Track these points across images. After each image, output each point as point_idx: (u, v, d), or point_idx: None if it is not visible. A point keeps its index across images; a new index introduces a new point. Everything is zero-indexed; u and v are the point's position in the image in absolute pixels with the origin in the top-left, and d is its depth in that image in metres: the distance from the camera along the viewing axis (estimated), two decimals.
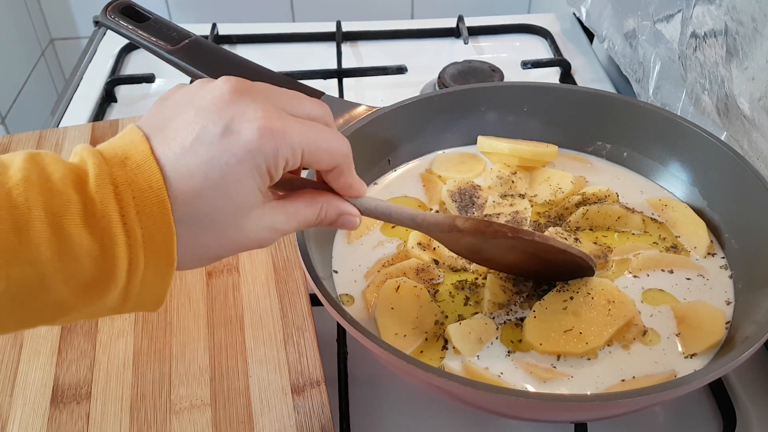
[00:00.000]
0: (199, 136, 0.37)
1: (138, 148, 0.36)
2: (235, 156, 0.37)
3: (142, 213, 0.35)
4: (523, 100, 0.71)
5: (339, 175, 0.43)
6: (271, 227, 0.41)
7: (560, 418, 0.53)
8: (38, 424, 0.52)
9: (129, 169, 0.35)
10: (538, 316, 0.53)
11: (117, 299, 0.36)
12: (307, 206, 0.43)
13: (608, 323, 0.52)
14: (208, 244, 0.39)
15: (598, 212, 0.62)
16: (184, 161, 0.36)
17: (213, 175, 0.36)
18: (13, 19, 1.40)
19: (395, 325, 0.53)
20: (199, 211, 0.37)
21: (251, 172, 0.37)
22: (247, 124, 0.37)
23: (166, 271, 0.37)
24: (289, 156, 0.38)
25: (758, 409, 0.58)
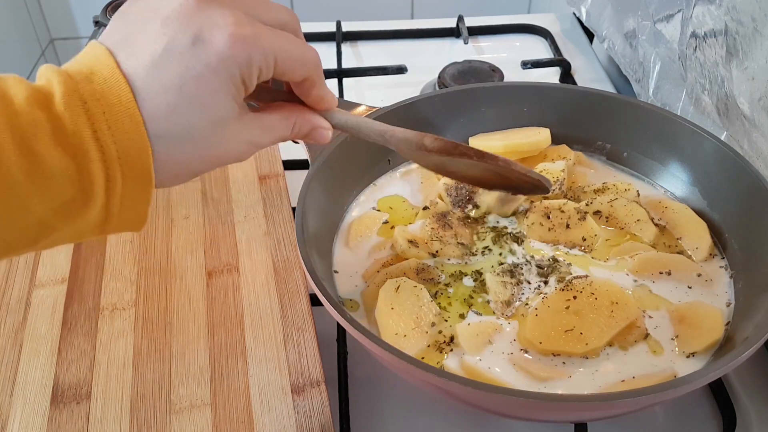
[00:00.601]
0: (168, 48, 0.35)
1: (103, 62, 0.35)
2: (209, 66, 0.35)
3: (114, 128, 0.34)
4: (523, 100, 0.71)
5: (311, 86, 0.42)
6: (249, 141, 0.40)
7: (560, 418, 0.53)
8: (38, 424, 0.52)
9: (96, 83, 0.34)
10: (540, 314, 0.53)
11: (98, 217, 0.35)
12: (281, 120, 0.42)
13: (610, 325, 0.52)
14: (187, 160, 0.38)
15: (624, 206, 0.62)
16: (156, 75, 0.35)
17: (188, 87, 0.35)
18: (13, 19, 1.40)
19: (395, 325, 0.53)
20: (176, 126, 0.36)
21: (226, 82, 0.36)
22: (217, 32, 0.36)
23: (144, 187, 0.36)
24: (262, 64, 0.37)
25: (758, 409, 0.58)
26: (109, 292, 0.62)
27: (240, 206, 0.70)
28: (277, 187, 0.73)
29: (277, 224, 0.68)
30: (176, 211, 0.70)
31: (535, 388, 0.49)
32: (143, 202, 0.37)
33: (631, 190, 0.66)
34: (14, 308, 0.61)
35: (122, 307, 0.61)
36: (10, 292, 0.62)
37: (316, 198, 0.59)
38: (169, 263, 0.65)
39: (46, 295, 0.62)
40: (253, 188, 0.73)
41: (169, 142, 0.36)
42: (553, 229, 0.61)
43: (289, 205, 0.70)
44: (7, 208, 0.33)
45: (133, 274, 0.64)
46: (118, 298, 0.61)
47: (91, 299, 0.61)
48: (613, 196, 0.64)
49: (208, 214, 0.70)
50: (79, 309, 0.61)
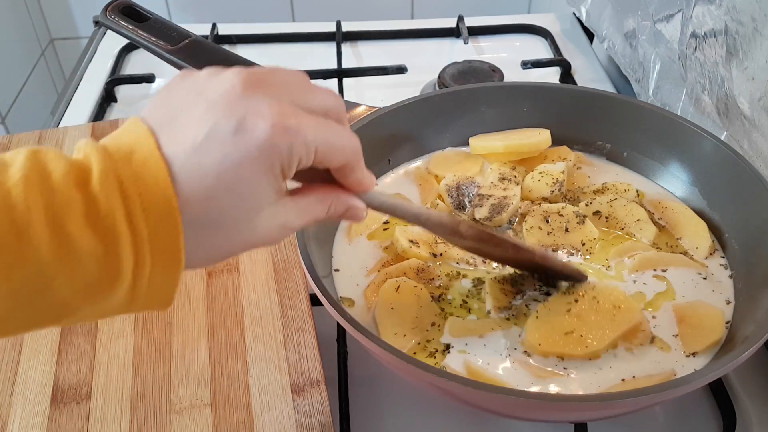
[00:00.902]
0: (210, 134, 0.35)
1: (143, 142, 0.35)
2: (249, 155, 0.35)
3: (149, 210, 0.33)
4: (523, 100, 0.71)
5: (349, 172, 0.42)
6: (283, 224, 0.40)
7: (560, 418, 0.53)
8: (38, 424, 0.52)
9: (134, 164, 0.34)
10: (541, 317, 0.53)
11: (124, 298, 0.35)
12: (317, 203, 0.42)
13: (611, 328, 0.51)
14: (219, 244, 0.38)
15: (624, 206, 0.62)
16: (196, 160, 0.34)
17: (226, 176, 0.35)
18: (13, 19, 1.40)
19: (395, 324, 0.53)
20: (211, 213, 0.36)
21: (265, 172, 0.36)
22: (261, 122, 0.35)
23: (173, 270, 0.35)
24: (302, 154, 0.37)
25: (758, 409, 0.58)
26: None
27: None
28: None
29: None
30: None
31: (536, 388, 0.49)
32: (172, 283, 0.36)
33: (630, 191, 0.66)
34: None
35: None
36: None
37: None
38: None
39: None
40: None
41: (202, 228, 0.36)
42: (552, 233, 0.61)
43: None
44: (32, 287, 0.32)
45: None
46: None
47: None
48: (613, 197, 0.64)
49: None
50: None
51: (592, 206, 0.63)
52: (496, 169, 0.68)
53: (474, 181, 0.67)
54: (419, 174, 0.70)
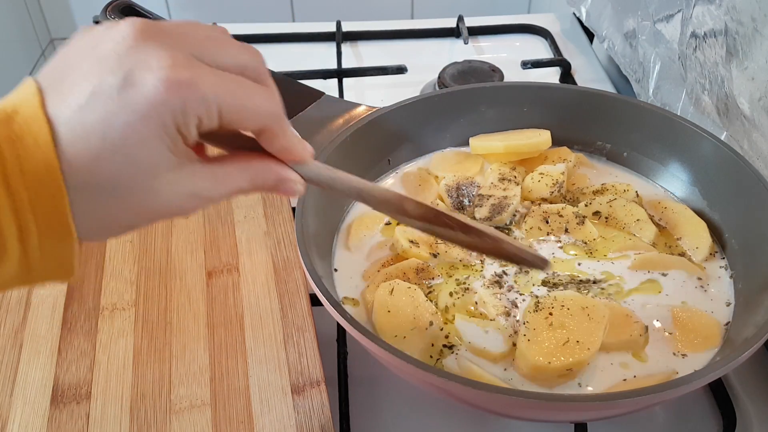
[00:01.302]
0: (96, 90, 0.32)
1: (29, 101, 0.32)
2: (136, 112, 0.32)
3: (28, 173, 0.31)
4: (523, 100, 0.71)
5: (272, 137, 0.38)
6: (193, 193, 0.36)
7: (560, 418, 0.53)
8: (38, 424, 0.52)
9: (16, 125, 0.32)
10: (531, 338, 0.51)
11: (18, 269, 0.33)
12: (239, 171, 0.38)
13: (594, 327, 0.51)
14: (116, 213, 0.35)
15: (623, 207, 0.62)
16: (80, 119, 0.32)
17: (112, 135, 0.32)
18: (13, 19, 1.40)
19: (393, 327, 0.53)
20: (99, 176, 0.33)
21: (156, 131, 0.33)
22: (149, 75, 0.32)
23: (65, 240, 0.33)
24: (201, 112, 0.34)
25: (758, 409, 0.58)
26: (109, 292, 0.62)
27: (240, 206, 0.70)
28: None
29: (277, 224, 0.68)
30: None
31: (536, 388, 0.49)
32: (67, 253, 0.34)
33: (630, 191, 0.65)
34: (14, 308, 0.61)
35: (122, 307, 0.61)
36: (10, 292, 0.62)
37: (316, 198, 0.59)
38: (169, 263, 0.65)
39: (46, 295, 0.62)
40: None
41: (92, 194, 0.33)
42: (552, 234, 0.61)
43: (289, 205, 0.70)
44: None
45: (133, 274, 0.64)
46: (118, 298, 0.61)
47: (91, 299, 0.61)
48: (612, 197, 0.64)
49: (208, 214, 0.70)
50: (79, 309, 0.61)
51: (591, 207, 0.63)
52: (496, 170, 0.68)
53: (474, 182, 0.67)
54: (419, 174, 0.70)
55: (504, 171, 0.68)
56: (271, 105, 0.37)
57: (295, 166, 0.40)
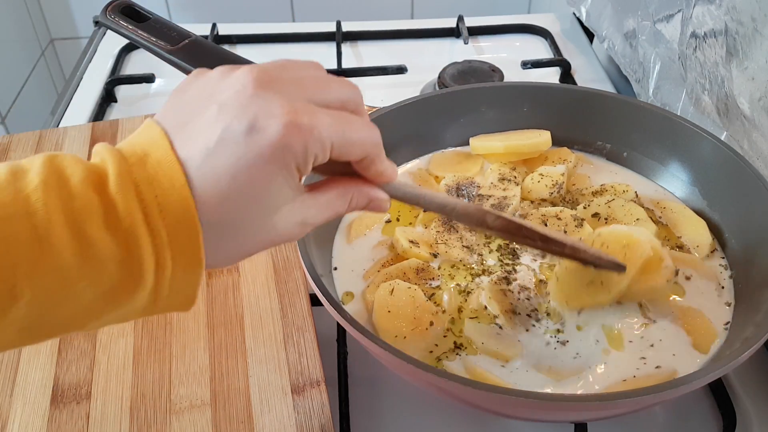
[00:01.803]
0: (222, 136, 0.34)
1: (158, 144, 0.35)
2: (263, 156, 0.34)
3: (166, 212, 0.33)
4: (523, 100, 0.71)
5: (370, 164, 0.41)
6: (302, 221, 0.39)
7: (560, 418, 0.53)
8: (38, 424, 0.52)
9: (149, 167, 0.34)
10: (561, 278, 0.55)
11: (146, 301, 0.35)
12: (338, 197, 0.41)
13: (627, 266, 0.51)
14: (239, 244, 0.37)
15: (622, 207, 0.62)
16: (210, 163, 0.34)
17: (240, 177, 0.35)
18: (13, 19, 1.40)
19: (394, 327, 0.53)
20: (228, 215, 0.35)
21: (280, 172, 0.35)
22: (272, 121, 0.35)
23: (195, 271, 0.35)
24: (318, 151, 0.36)
25: (758, 409, 0.58)
26: None
27: None
28: None
29: None
30: None
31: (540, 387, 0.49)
32: (193, 284, 0.36)
33: (629, 191, 0.65)
34: None
35: None
36: None
37: None
38: None
39: None
40: None
41: (220, 230, 0.36)
42: None
43: None
44: (56, 293, 0.32)
45: None
46: None
47: None
48: (611, 198, 0.64)
49: None
50: None
51: (590, 208, 0.63)
52: (496, 170, 0.68)
53: (474, 182, 0.67)
54: (419, 174, 0.70)
55: (504, 171, 0.68)
56: (372, 136, 0.40)
57: (383, 186, 0.43)
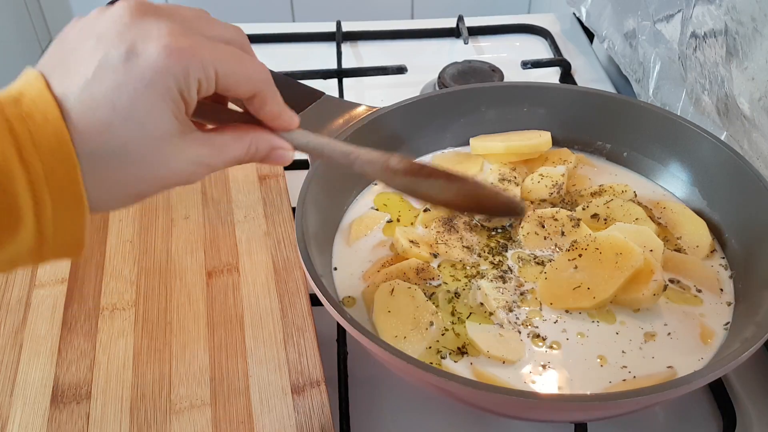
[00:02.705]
0: (101, 64, 0.34)
1: (32, 85, 0.34)
2: (143, 80, 0.34)
3: (40, 146, 0.33)
4: (523, 100, 0.71)
5: (262, 103, 0.41)
6: (196, 161, 0.38)
7: (560, 418, 0.53)
8: (38, 424, 0.52)
9: (24, 105, 0.33)
10: (549, 277, 0.55)
11: (31, 243, 0.34)
12: (235, 140, 0.41)
13: (615, 276, 0.53)
14: (126, 180, 0.37)
15: (621, 206, 0.62)
16: (89, 92, 0.34)
17: (121, 103, 0.34)
18: (13, 19, 1.40)
19: (394, 327, 0.53)
20: (110, 144, 0.35)
21: (162, 96, 0.35)
22: (151, 44, 0.34)
23: (77, 210, 0.35)
24: (201, 77, 0.36)
25: (758, 409, 0.58)
26: (109, 292, 0.62)
27: (240, 206, 0.70)
28: (277, 187, 0.73)
29: (277, 224, 0.68)
30: (176, 211, 0.70)
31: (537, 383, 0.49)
32: (78, 226, 0.35)
33: (628, 191, 0.65)
34: (14, 308, 0.61)
35: (122, 307, 0.61)
36: (10, 292, 0.62)
37: (316, 198, 0.59)
38: (169, 263, 0.65)
39: (46, 295, 0.62)
40: (253, 188, 0.73)
41: (103, 162, 0.35)
42: (549, 238, 0.61)
43: (289, 205, 0.70)
44: None
45: (133, 274, 0.64)
46: (118, 298, 0.61)
47: (91, 299, 0.61)
48: (609, 198, 0.64)
49: (208, 214, 0.70)
50: (79, 309, 0.61)
51: (589, 209, 0.63)
52: (496, 170, 0.68)
53: None
54: None
55: (504, 171, 0.68)
56: (261, 71, 0.40)
57: (284, 135, 0.43)
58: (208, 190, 0.72)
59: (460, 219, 0.63)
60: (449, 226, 0.62)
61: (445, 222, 0.63)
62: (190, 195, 0.72)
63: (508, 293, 0.56)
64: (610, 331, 0.53)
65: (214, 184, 0.73)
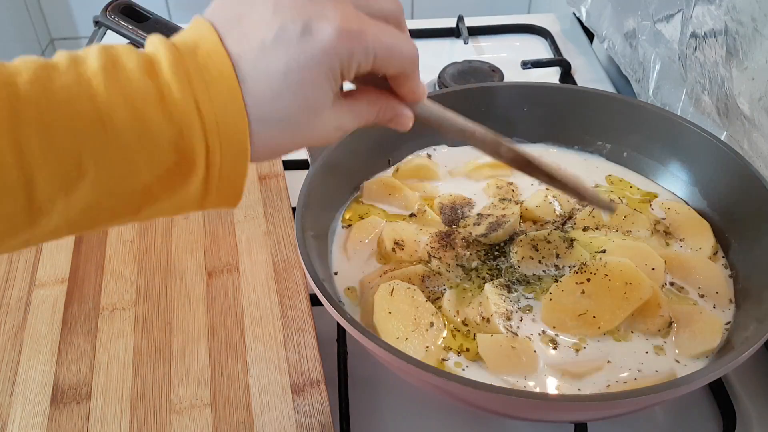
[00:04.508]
0: (278, 36, 0.36)
1: (207, 38, 0.36)
2: (314, 58, 0.36)
3: (215, 100, 0.35)
4: (523, 100, 0.71)
5: (405, 80, 0.43)
6: (338, 126, 0.41)
7: (560, 418, 0.53)
8: (38, 424, 0.52)
9: (200, 57, 0.36)
10: (554, 299, 0.54)
11: (199, 189, 0.37)
12: (368, 106, 0.43)
13: (622, 307, 0.52)
14: (281, 140, 0.39)
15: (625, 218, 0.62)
16: (265, 62, 0.36)
17: (292, 76, 0.36)
18: (13, 19, 1.40)
19: (395, 329, 0.53)
20: (277, 111, 0.37)
21: (326, 75, 0.37)
22: (326, 25, 0.36)
23: (241, 160, 0.37)
24: (362, 59, 0.38)
25: (758, 409, 0.58)
26: (109, 292, 0.62)
27: (240, 206, 0.70)
28: (277, 187, 0.73)
29: (277, 224, 0.68)
30: None
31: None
32: (240, 175, 0.37)
33: (633, 189, 0.65)
34: (14, 308, 0.61)
35: (122, 307, 0.61)
36: (10, 292, 0.62)
37: (316, 198, 0.59)
38: (169, 263, 0.65)
39: (46, 295, 0.62)
40: (253, 188, 0.73)
41: (267, 125, 0.37)
42: (544, 261, 0.59)
43: (289, 205, 0.70)
44: (119, 170, 0.34)
45: (133, 274, 0.64)
46: (118, 298, 0.61)
47: (91, 299, 0.61)
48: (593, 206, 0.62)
49: (208, 214, 0.70)
50: (79, 309, 0.61)
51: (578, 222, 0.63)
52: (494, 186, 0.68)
53: (470, 201, 0.66)
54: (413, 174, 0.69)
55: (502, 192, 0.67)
56: (412, 52, 0.42)
57: (410, 105, 0.45)
58: None
59: (458, 235, 0.62)
60: (446, 242, 0.61)
61: (441, 237, 0.61)
62: None
63: (509, 302, 0.55)
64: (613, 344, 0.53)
65: None
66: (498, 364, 0.51)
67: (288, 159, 0.78)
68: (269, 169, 0.75)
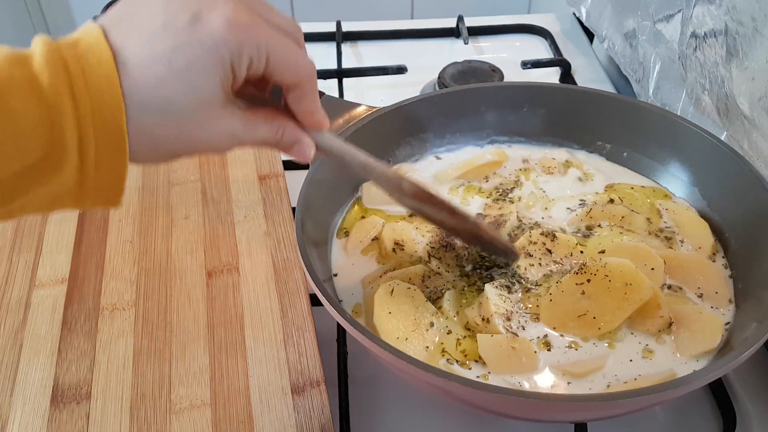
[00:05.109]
0: (166, 24, 0.37)
1: (91, 33, 0.36)
2: (202, 45, 0.37)
3: (91, 86, 0.35)
4: (523, 100, 0.71)
5: (302, 96, 0.43)
6: (229, 131, 0.40)
7: (560, 418, 0.53)
8: (38, 424, 0.52)
9: (80, 48, 0.35)
10: (554, 299, 0.54)
11: (72, 181, 0.36)
12: (266, 122, 0.43)
13: (623, 307, 0.52)
14: (165, 136, 0.38)
15: (602, 211, 0.62)
16: (149, 46, 0.36)
17: (177, 62, 0.36)
18: (13, 19, 1.40)
19: (395, 329, 0.53)
20: (160, 98, 0.37)
21: (215, 64, 0.37)
22: (215, 14, 0.37)
23: (119, 153, 0.36)
24: (253, 55, 0.38)
25: (758, 409, 0.58)
26: (109, 292, 0.62)
27: (240, 206, 0.70)
28: (277, 187, 0.73)
29: (277, 224, 0.68)
30: (176, 211, 0.70)
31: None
32: (118, 172, 0.37)
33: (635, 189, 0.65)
34: (14, 308, 0.61)
35: (122, 307, 0.61)
36: (10, 292, 0.62)
37: (316, 198, 0.59)
38: (169, 263, 0.65)
39: (46, 295, 0.62)
40: (253, 188, 0.73)
41: (149, 113, 0.37)
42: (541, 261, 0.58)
43: (289, 205, 0.70)
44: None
45: (133, 274, 0.64)
46: (118, 298, 0.61)
47: (91, 299, 0.61)
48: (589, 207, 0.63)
49: (208, 214, 0.70)
50: (79, 309, 0.61)
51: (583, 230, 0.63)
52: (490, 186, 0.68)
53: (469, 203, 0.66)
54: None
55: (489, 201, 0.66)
56: (309, 66, 0.42)
57: (311, 133, 0.45)
58: (208, 190, 0.72)
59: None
60: (446, 243, 0.61)
61: (442, 239, 0.61)
62: (190, 195, 0.72)
63: (510, 302, 0.55)
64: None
65: (214, 184, 0.73)
66: (498, 365, 0.51)
67: (288, 159, 0.78)
68: (269, 169, 0.75)
